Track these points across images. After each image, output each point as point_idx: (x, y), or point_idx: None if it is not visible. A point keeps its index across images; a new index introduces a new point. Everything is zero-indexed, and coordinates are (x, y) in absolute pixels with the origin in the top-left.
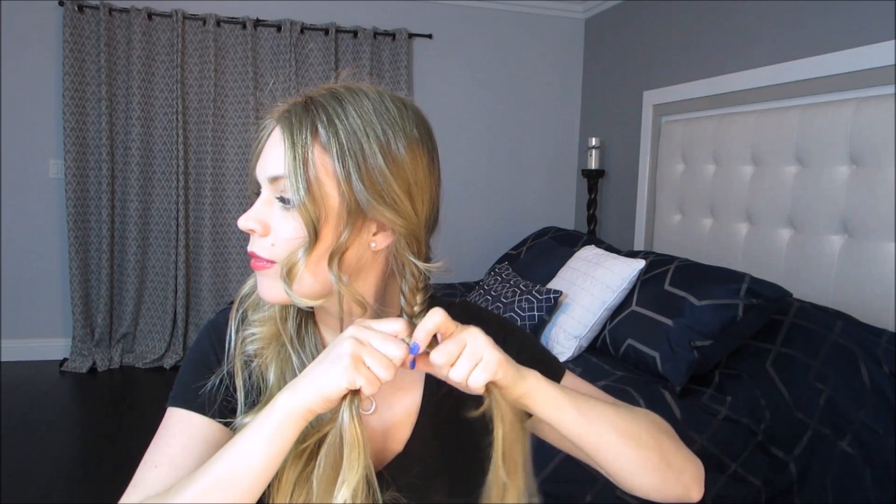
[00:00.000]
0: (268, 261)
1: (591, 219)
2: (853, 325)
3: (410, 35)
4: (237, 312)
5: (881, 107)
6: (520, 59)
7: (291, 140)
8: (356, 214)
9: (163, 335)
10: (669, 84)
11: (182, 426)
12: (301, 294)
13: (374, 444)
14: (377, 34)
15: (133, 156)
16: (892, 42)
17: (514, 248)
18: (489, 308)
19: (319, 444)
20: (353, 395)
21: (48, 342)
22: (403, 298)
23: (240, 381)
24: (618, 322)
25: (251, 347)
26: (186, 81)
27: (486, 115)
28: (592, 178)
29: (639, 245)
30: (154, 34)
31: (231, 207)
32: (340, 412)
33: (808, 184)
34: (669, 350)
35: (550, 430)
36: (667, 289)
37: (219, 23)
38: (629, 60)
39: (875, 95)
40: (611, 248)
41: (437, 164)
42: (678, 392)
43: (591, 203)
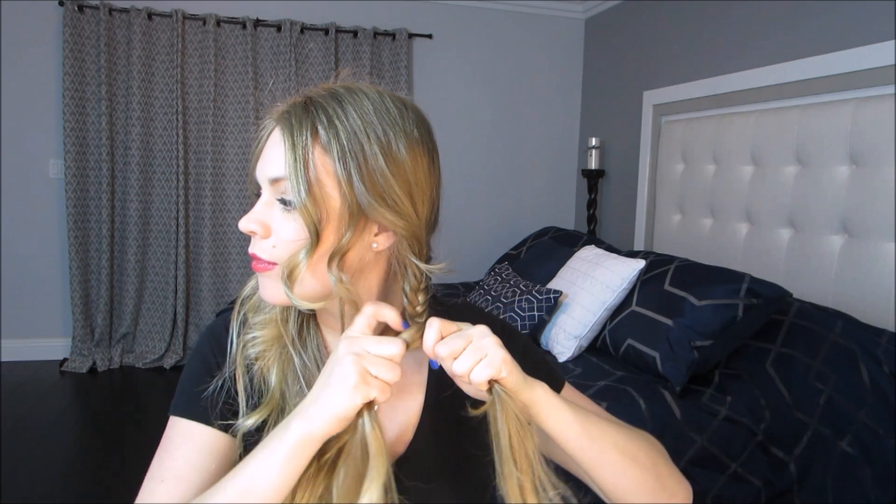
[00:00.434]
0: (269, 262)
1: (591, 219)
2: (853, 325)
3: (410, 35)
4: (238, 315)
5: (881, 107)
6: (520, 60)
7: (292, 141)
8: (358, 216)
9: (163, 335)
10: (669, 84)
11: (185, 438)
12: (303, 296)
13: None
14: (377, 34)
15: (133, 156)
16: (892, 42)
17: (514, 248)
18: (489, 308)
19: (338, 454)
20: (369, 406)
21: (48, 342)
22: (406, 299)
23: (241, 385)
24: (618, 322)
25: (253, 351)
26: (186, 81)
27: (486, 116)
28: (592, 178)
29: (639, 245)
30: (154, 34)
31: (231, 208)
32: (360, 423)
33: (808, 184)
34: (669, 350)
35: (545, 441)
36: (667, 289)
37: (219, 23)
38: (629, 60)
39: (875, 95)
40: (611, 248)
41: (438, 165)
42: (678, 392)
43: (591, 203)
